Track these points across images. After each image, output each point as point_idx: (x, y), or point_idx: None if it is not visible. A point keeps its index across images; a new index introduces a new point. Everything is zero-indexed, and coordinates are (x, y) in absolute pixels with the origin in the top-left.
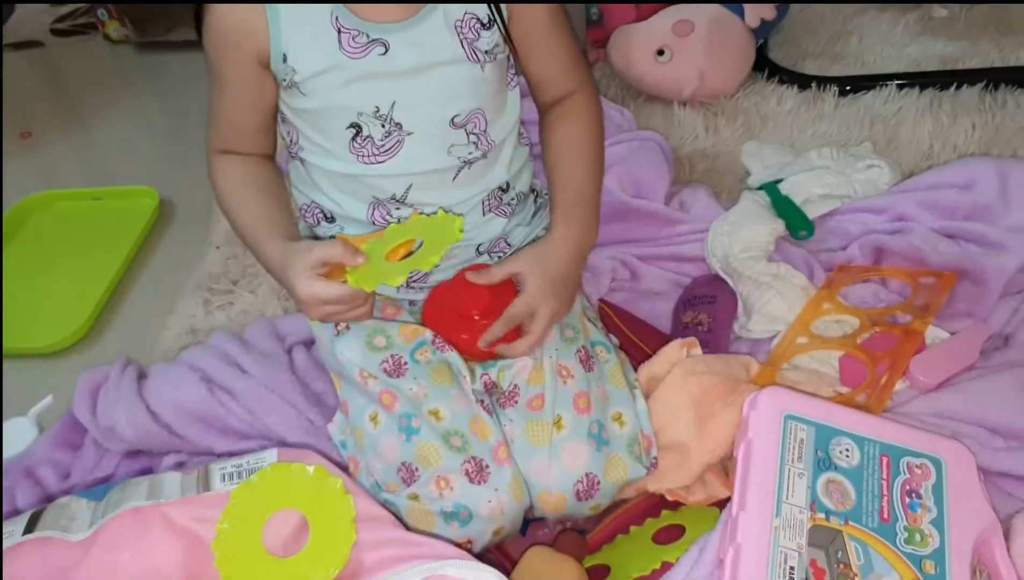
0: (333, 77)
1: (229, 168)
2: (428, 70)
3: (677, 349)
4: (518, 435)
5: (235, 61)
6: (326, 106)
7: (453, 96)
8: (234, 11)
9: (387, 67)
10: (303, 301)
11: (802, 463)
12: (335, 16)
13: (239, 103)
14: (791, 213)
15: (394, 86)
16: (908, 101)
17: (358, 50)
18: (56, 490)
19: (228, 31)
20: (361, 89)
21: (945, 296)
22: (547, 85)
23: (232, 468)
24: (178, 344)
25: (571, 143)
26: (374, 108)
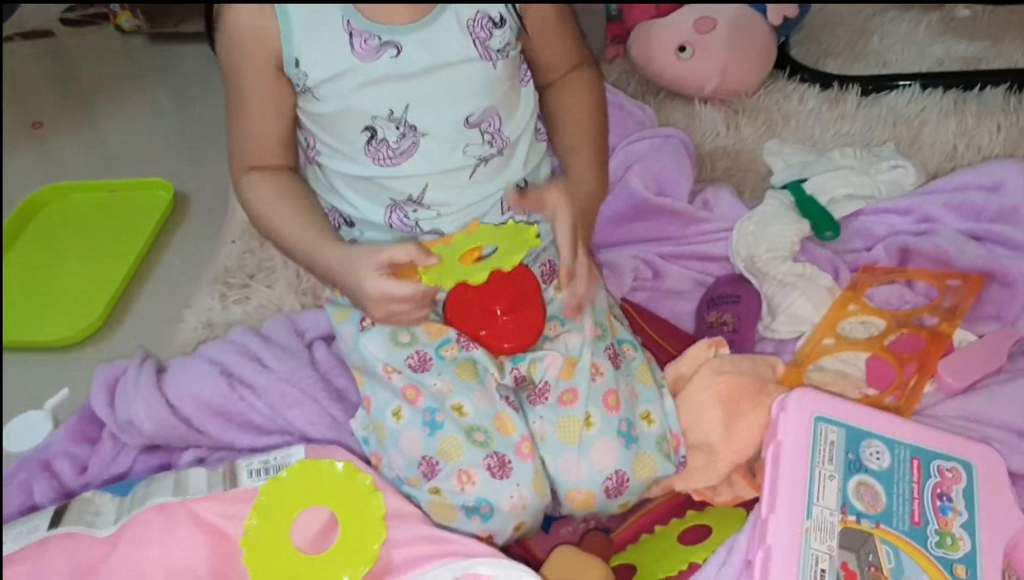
0: (346, 81)
1: (259, 185)
2: (441, 70)
3: (705, 348)
4: (549, 432)
5: (252, 67)
6: (340, 110)
7: (466, 95)
8: (245, 17)
9: (400, 69)
10: (372, 298)
11: (832, 465)
12: (346, 19)
13: (260, 113)
14: (816, 213)
15: (407, 88)
16: (931, 101)
17: (370, 53)
18: (73, 483)
19: (241, 36)
20: (374, 92)
21: (972, 298)
22: (554, 68)
23: (259, 464)
24: (195, 338)
25: (579, 99)
26: (388, 111)
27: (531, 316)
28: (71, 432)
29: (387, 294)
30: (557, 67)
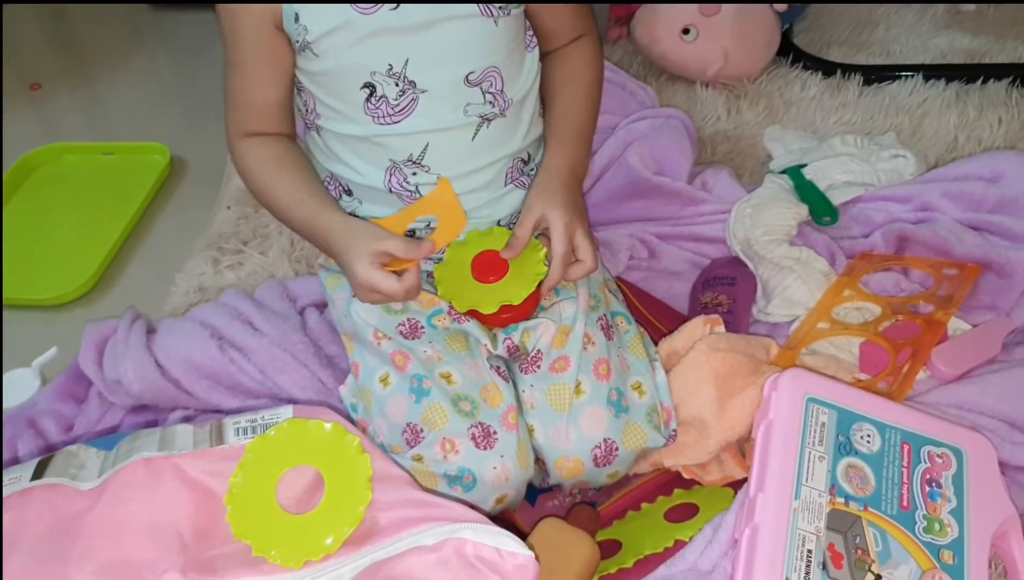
0: (344, 35)
1: (259, 150)
2: (440, 24)
3: (700, 325)
4: (540, 399)
5: (251, 23)
6: (339, 66)
7: (467, 52)
8: None
9: (398, 21)
10: (359, 284)
11: (823, 446)
12: None
13: (259, 73)
14: (815, 198)
15: (407, 42)
16: (934, 93)
17: (368, 5)
18: (58, 442)
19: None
20: (373, 47)
21: (969, 288)
22: (557, 36)
23: (246, 423)
24: (186, 302)
25: (575, 79)
26: (387, 66)
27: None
28: (58, 390)
29: (372, 284)
30: (559, 35)
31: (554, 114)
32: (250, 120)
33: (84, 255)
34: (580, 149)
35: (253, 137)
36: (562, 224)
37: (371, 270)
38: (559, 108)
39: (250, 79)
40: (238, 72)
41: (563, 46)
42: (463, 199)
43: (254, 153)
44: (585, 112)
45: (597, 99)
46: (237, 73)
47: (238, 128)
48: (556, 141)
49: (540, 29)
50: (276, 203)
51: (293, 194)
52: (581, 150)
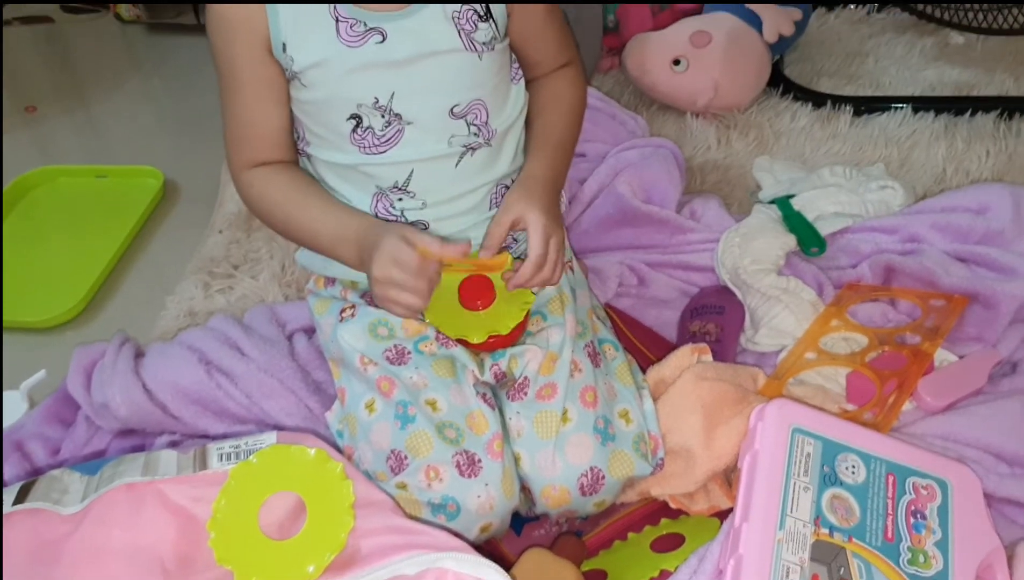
0: (332, 67)
1: (270, 177)
2: (426, 59)
3: (688, 354)
4: (526, 427)
5: (244, 48)
6: (326, 97)
7: (452, 86)
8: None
9: (385, 56)
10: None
11: (808, 477)
12: (333, 6)
13: (257, 99)
14: (803, 229)
15: (393, 76)
16: (923, 124)
17: (355, 39)
18: (44, 465)
19: (231, 16)
20: (360, 79)
21: (955, 319)
22: (541, 65)
23: (230, 448)
24: (176, 326)
25: (558, 98)
26: (373, 98)
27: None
28: (46, 414)
29: (393, 254)
30: (544, 65)
31: (536, 130)
32: (255, 149)
33: (75, 278)
34: (560, 162)
35: (260, 167)
36: (541, 225)
37: (398, 242)
38: (541, 124)
39: (250, 104)
40: (237, 99)
41: (548, 73)
42: (447, 223)
43: (265, 181)
44: (567, 129)
45: (579, 119)
46: (236, 100)
47: (243, 159)
48: (537, 152)
49: (525, 60)
50: (298, 224)
51: (318, 208)
52: (561, 164)
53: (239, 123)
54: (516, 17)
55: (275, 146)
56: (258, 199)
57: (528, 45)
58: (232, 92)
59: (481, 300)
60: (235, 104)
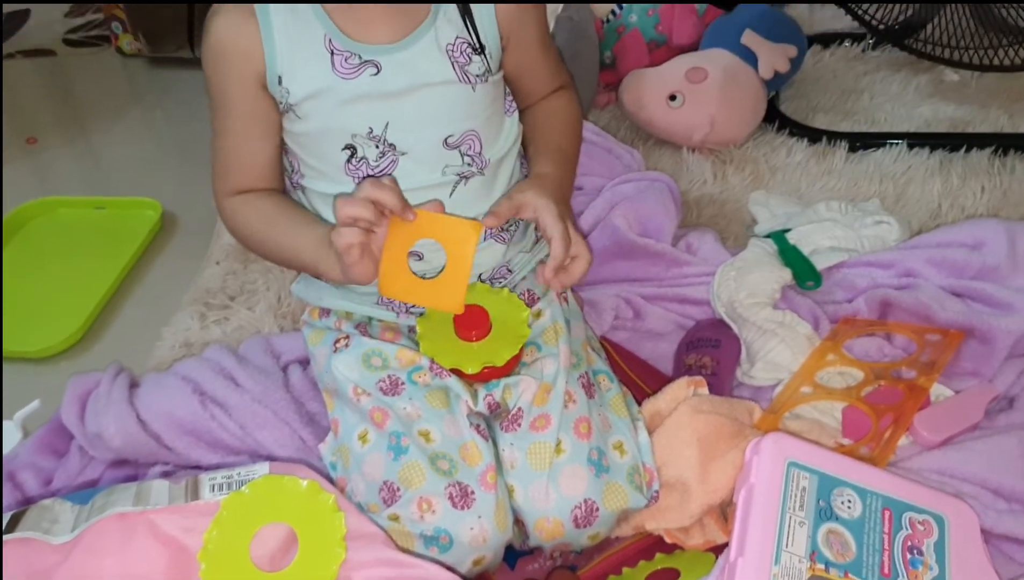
0: (327, 98)
1: (251, 201)
2: (420, 90)
3: (684, 386)
4: (520, 459)
5: (236, 81)
6: (321, 128)
7: (446, 117)
8: (229, 34)
9: (379, 87)
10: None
11: (803, 512)
12: (328, 38)
13: (246, 132)
14: (799, 263)
15: (387, 107)
16: (918, 161)
17: (350, 71)
18: (36, 495)
19: (226, 49)
20: (355, 110)
21: (951, 354)
22: (536, 94)
23: (222, 479)
24: (171, 356)
25: (554, 115)
26: (368, 129)
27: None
28: (39, 444)
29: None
30: (538, 92)
31: (537, 142)
32: (238, 178)
33: (72, 308)
34: (566, 169)
35: (243, 193)
36: (554, 210)
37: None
38: (542, 137)
39: (240, 138)
40: (227, 133)
41: (542, 98)
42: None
43: (246, 206)
44: (567, 140)
45: (578, 133)
46: (227, 134)
47: (225, 186)
48: (542, 157)
49: (520, 90)
50: (276, 246)
51: (297, 225)
52: (567, 171)
53: (226, 153)
54: (511, 50)
55: (260, 177)
56: (241, 224)
57: (524, 76)
58: (222, 123)
59: (476, 331)
60: (224, 135)
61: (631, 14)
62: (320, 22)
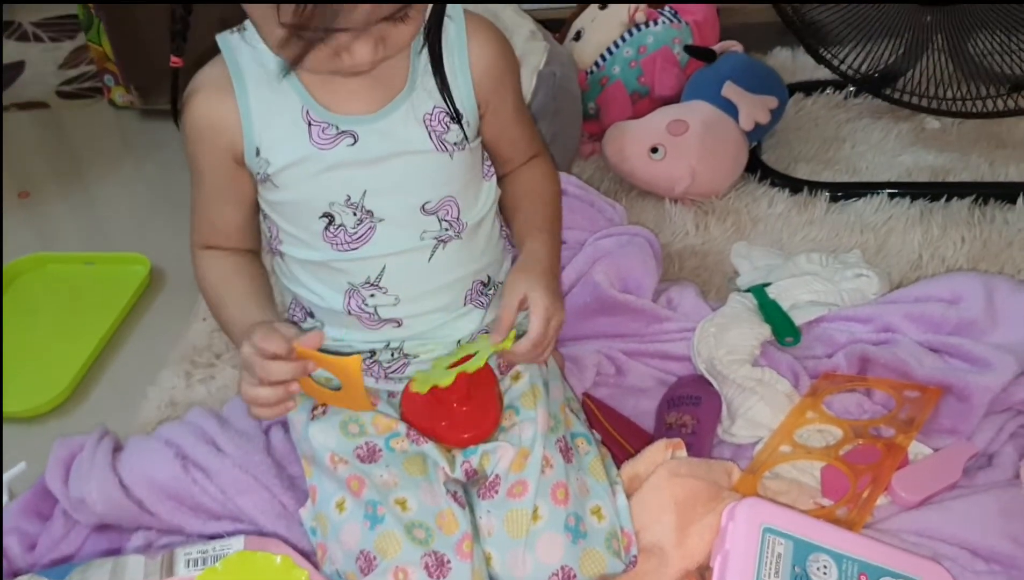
0: (305, 168)
1: (213, 261)
2: (397, 158)
3: (662, 449)
4: (496, 526)
5: (211, 157)
6: (299, 198)
7: (423, 184)
8: (207, 111)
9: (356, 156)
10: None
11: (779, 577)
12: (305, 110)
13: (219, 199)
14: (778, 318)
15: (364, 174)
16: (899, 210)
17: (327, 141)
18: (20, 561)
19: (203, 127)
20: (332, 179)
21: (930, 411)
22: (513, 160)
23: (197, 554)
24: (157, 416)
25: (535, 192)
26: (345, 196)
27: (489, 406)
28: (24, 507)
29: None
30: (515, 159)
31: (521, 220)
32: (211, 236)
33: (60, 367)
34: (554, 246)
35: (212, 249)
36: (544, 306)
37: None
38: (525, 215)
39: (212, 202)
40: (200, 193)
41: (518, 167)
42: (421, 320)
43: (208, 263)
44: (551, 218)
45: (559, 207)
46: (200, 194)
47: (199, 240)
48: (532, 234)
49: (498, 156)
50: (220, 310)
51: (235, 301)
52: (555, 247)
53: (200, 210)
54: (488, 118)
55: (229, 237)
56: (202, 278)
57: (501, 142)
58: (196, 185)
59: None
60: (199, 195)
61: (614, 66)
62: (297, 94)
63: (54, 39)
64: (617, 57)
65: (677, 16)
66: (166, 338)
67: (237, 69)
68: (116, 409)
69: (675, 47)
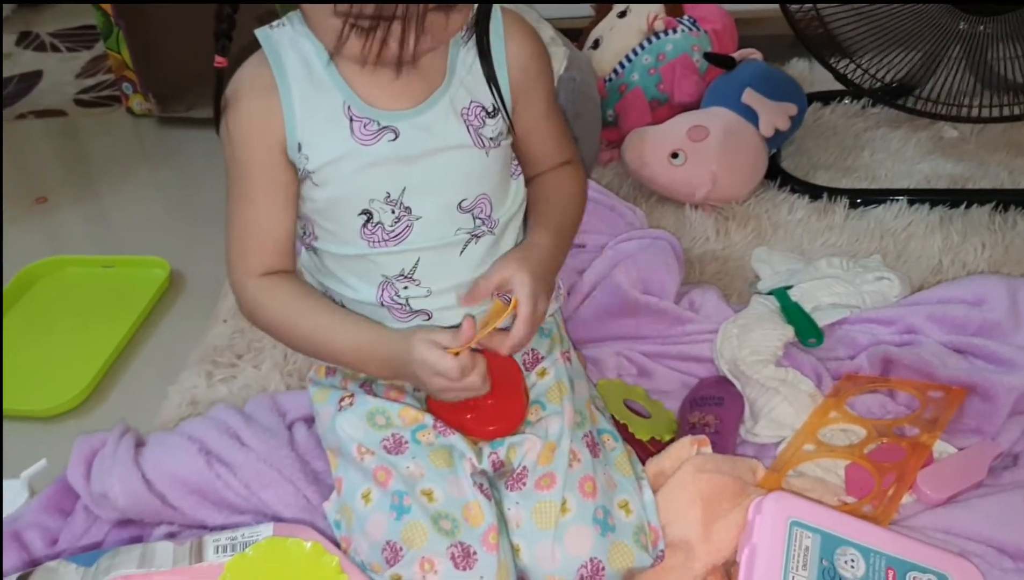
0: (346, 164)
1: (278, 287)
2: (437, 155)
3: (687, 445)
4: (525, 518)
5: (265, 156)
6: (338, 194)
7: (460, 181)
8: (252, 105)
9: (397, 152)
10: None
11: (806, 571)
12: (347, 105)
13: (270, 205)
14: (800, 320)
15: (404, 171)
16: (918, 217)
17: (369, 137)
18: (42, 555)
19: (253, 126)
20: (373, 175)
21: (954, 411)
22: (542, 162)
23: (226, 540)
24: (178, 415)
25: (559, 189)
26: (385, 193)
27: (515, 400)
28: (45, 503)
29: (429, 362)
30: (545, 161)
31: (537, 213)
32: (262, 257)
33: (79, 367)
34: (559, 241)
35: (267, 276)
36: (528, 285)
37: (427, 349)
38: (542, 209)
39: (262, 209)
40: (248, 204)
41: (548, 170)
42: (450, 314)
43: (272, 292)
44: (567, 215)
45: (580, 209)
46: (248, 205)
47: (245, 266)
48: (538, 226)
49: (528, 156)
50: (309, 333)
51: (327, 317)
52: (560, 243)
53: (247, 231)
54: (519, 113)
55: (280, 254)
56: (266, 310)
57: (531, 141)
58: (243, 198)
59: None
60: (245, 210)
61: (633, 73)
62: (339, 90)
63: (71, 49)
64: (636, 64)
65: (696, 24)
66: (186, 339)
67: (279, 64)
68: (136, 409)
69: (694, 55)
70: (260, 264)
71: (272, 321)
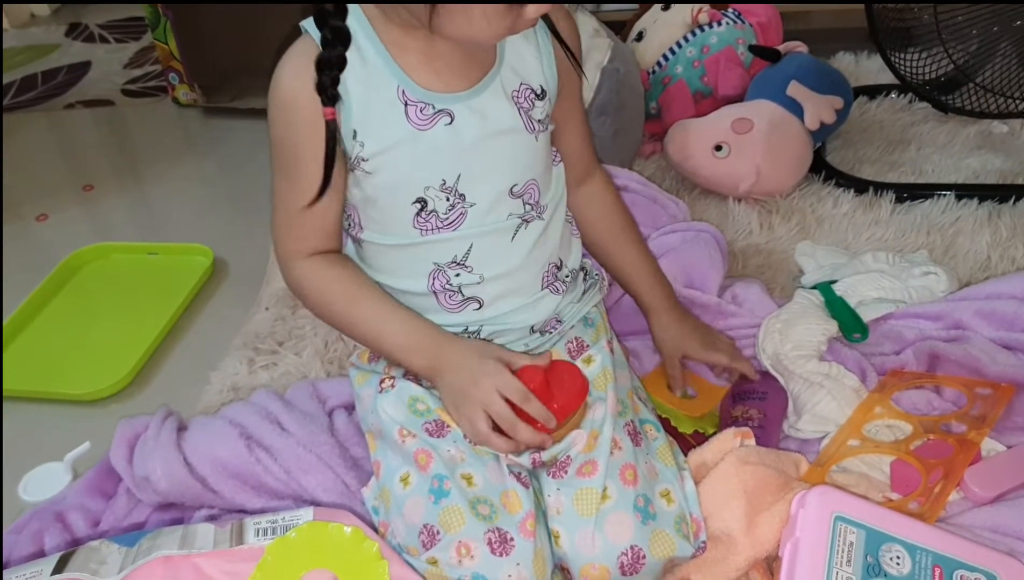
0: (401, 151)
1: (329, 269)
2: (491, 139)
3: (731, 438)
4: (566, 504)
5: (312, 134)
6: (393, 182)
7: (512, 167)
8: (302, 84)
9: (452, 138)
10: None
11: (851, 567)
12: (401, 89)
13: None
14: (845, 314)
15: (460, 157)
16: (966, 212)
17: (425, 121)
18: (84, 537)
19: (305, 105)
20: (429, 161)
21: (1002, 408)
22: (573, 160)
23: (267, 523)
24: (219, 400)
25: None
26: (441, 181)
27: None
28: (88, 486)
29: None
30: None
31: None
32: (309, 238)
33: (123, 352)
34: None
35: (315, 256)
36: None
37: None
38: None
39: (309, 192)
40: (296, 187)
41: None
42: (501, 303)
43: (320, 275)
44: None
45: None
46: (294, 188)
47: (297, 248)
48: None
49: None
50: (362, 320)
51: (382, 305)
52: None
53: (294, 212)
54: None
55: (328, 236)
56: (317, 289)
57: (565, 130)
58: (290, 180)
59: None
60: (292, 192)
61: (676, 65)
62: (391, 73)
63: (120, 40)
64: (680, 57)
65: (741, 17)
66: (228, 326)
67: None
68: (178, 394)
69: (739, 47)
70: (306, 246)
71: (318, 303)
